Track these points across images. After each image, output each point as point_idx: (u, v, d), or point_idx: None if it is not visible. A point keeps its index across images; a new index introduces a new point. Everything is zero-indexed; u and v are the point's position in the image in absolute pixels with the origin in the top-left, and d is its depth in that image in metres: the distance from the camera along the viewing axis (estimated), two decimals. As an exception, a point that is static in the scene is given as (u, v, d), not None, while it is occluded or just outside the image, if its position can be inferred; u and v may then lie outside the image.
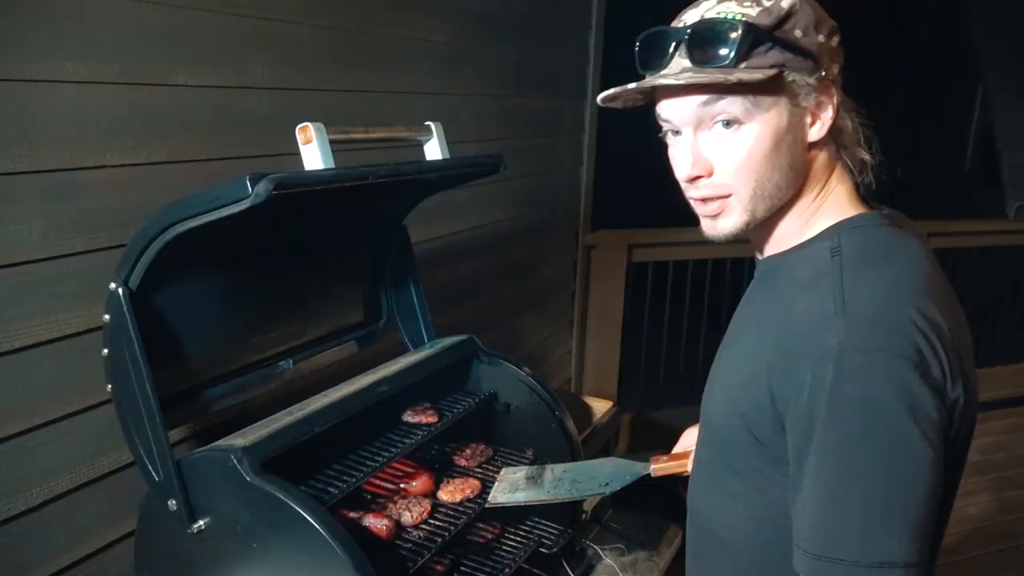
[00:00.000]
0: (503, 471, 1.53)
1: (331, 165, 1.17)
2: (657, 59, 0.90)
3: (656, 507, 1.93)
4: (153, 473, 1.20)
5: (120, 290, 1.13)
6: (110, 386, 1.21)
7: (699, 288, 3.81)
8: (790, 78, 0.86)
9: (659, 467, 1.33)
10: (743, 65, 0.85)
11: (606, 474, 1.39)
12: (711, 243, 0.99)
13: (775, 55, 0.85)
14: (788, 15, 0.85)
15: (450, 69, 2.23)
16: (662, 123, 0.94)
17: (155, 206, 1.15)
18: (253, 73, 1.58)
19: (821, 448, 0.79)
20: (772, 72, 0.85)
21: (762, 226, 0.95)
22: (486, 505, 1.46)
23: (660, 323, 3.82)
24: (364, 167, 1.16)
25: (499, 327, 2.73)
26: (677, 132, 0.92)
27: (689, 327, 3.90)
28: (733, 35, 0.84)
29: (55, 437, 1.29)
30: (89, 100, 1.28)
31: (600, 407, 2.41)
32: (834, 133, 0.92)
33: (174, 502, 1.19)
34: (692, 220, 1.01)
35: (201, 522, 1.19)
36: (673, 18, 0.92)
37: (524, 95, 2.68)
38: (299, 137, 1.17)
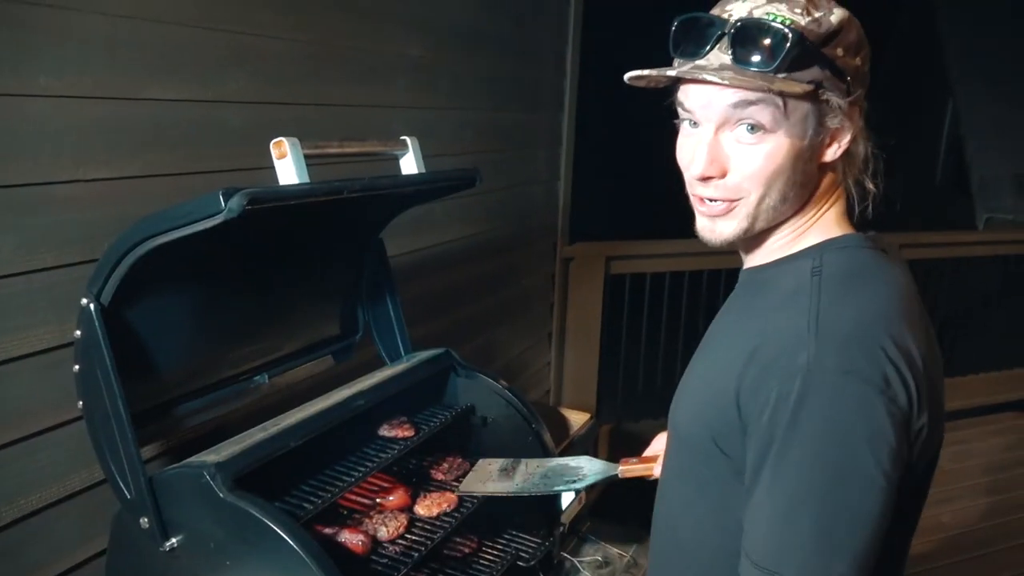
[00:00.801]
0: (479, 462, 1.53)
1: (306, 180, 1.17)
2: (695, 46, 0.87)
3: (634, 518, 1.94)
4: (125, 490, 1.18)
5: (92, 305, 1.12)
6: (81, 402, 1.19)
7: (676, 300, 3.83)
8: (824, 97, 0.85)
9: (627, 468, 1.36)
10: (783, 75, 0.83)
11: (576, 471, 1.42)
12: (687, 255, 1.00)
13: (815, 71, 0.84)
14: (836, 32, 0.84)
15: (427, 83, 2.24)
16: (681, 111, 0.91)
17: (129, 221, 1.14)
18: (228, 87, 1.57)
19: (777, 463, 0.80)
20: (810, 88, 0.84)
21: (753, 238, 0.95)
22: (458, 492, 1.47)
23: (638, 335, 3.84)
24: (338, 181, 1.16)
25: (477, 340, 2.73)
26: (695, 124, 0.90)
27: (667, 339, 3.92)
28: (784, 43, 0.81)
29: (26, 454, 1.28)
30: (62, 114, 1.27)
31: (578, 419, 2.42)
32: (846, 157, 0.91)
33: (146, 520, 1.17)
34: (669, 232, 1.02)
35: (174, 540, 1.18)
36: (654, 35, 0.91)
37: (501, 108, 2.70)
38: (273, 152, 1.17)
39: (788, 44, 0.81)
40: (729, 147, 0.88)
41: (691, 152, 0.90)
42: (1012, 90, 5.89)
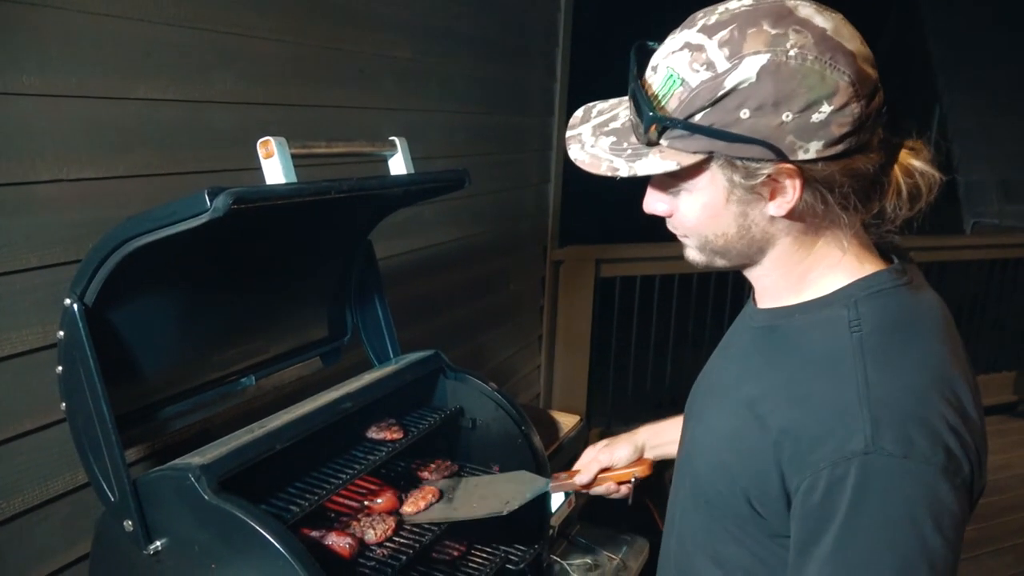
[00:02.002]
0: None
1: (293, 180, 1.16)
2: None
3: (624, 521, 1.94)
4: (108, 493, 1.17)
5: (75, 306, 1.11)
6: (64, 404, 1.18)
7: (666, 303, 3.84)
8: (720, 162, 0.80)
9: (556, 484, 1.44)
10: (664, 143, 0.81)
11: (509, 491, 1.46)
12: (678, 258, 0.98)
13: (701, 141, 0.79)
14: (727, 94, 0.76)
15: (416, 85, 2.24)
16: None
17: (112, 221, 1.13)
18: (214, 87, 1.56)
19: (835, 549, 0.76)
20: (694, 159, 0.80)
21: (750, 272, 0.93)
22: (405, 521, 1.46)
23: (628, 338, 3.85)
24: (326, 181, 1.16)
25: (467, 343, 2.73)
26: None
27: (657, 341, 3.93)
28: (642, 122, 0.80)
29: (7, 457, 1.26)
30: (45, 113, 1.26)
31: (567, 422, 2.42)
32: (805, 209, 0.83)
33: (130, 523, 1.16)
34: (659, 236, 1.02)
35: (158, 543, 1.16)
36: (645, 39, 0.87)
37: (491, 111, 2.70)
38: (260, 151, 1.16)
39: (644, 125, 0.80)
40: (661, 195, 0.90)
41: None
42: (998, 97, 5.95)
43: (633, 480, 1.34)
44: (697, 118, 0.78)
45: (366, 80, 2.02)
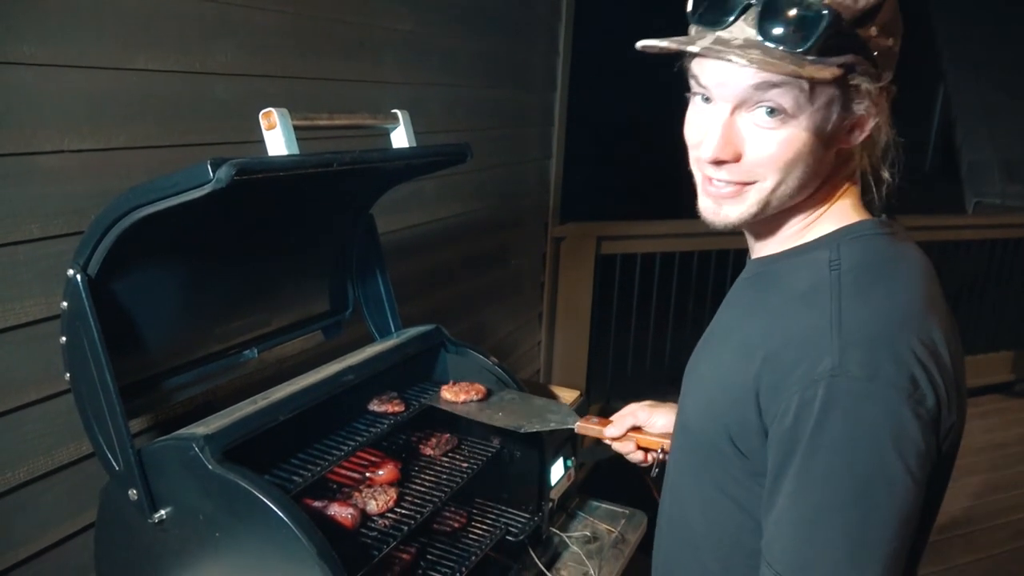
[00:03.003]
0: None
1: (295, 151, 1.16)
2: (718, 13, 0.79)
3: (622, 495, 1.95)
4: (113, 463, 1.18)
5: (78, 276, 1.11)
6: (68, 375, 1.19)
7: (667, 280, 3.85)
8: (853, 81, 0.79)
9: (583, 426, 1.43)
10: (812, 57, 0.76)
11: (536, 414, 1.50)
12: (679, 236, 0.98)
13: (847, 55, 0.78)
14: (874, 9, 0.77)
15: (418, 58, 2.22)
16: (695, 84, 0.85)
17: (114, 192, 1.13)
18: (216, 59, 1.55)
19: (801, 472, 0.78)
20: (839, 73, 0.78)
21: (763, 222, 0.91)
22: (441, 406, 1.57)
23: (628, 315, 3.85)
24: (328, 153, 1.15)
25: (468, 319, 2.73)
26: (708, 100, 0.84)
27: (657, 319, 3.94)
28: (818, 23, 0.74)
29: (12, 427, 1.27)
30: (46, 84, 1.25)
31: (567, 397, 2.42)
32: (867, 143, 0.86)
33: (135, 492, 1.17)
34: (661, 213, 1.00)
35: (162, 512, 1.18)
36: (648, 10, 0.87)
37: (493, 86, 2.68)
38: (263, 123, 1.16)
39: (822, 25, 0.74)
40: (746, 129, 0.82)
41: (702, 131, 0.84)
42: (1002, 76, 5.91)
43: (660, 451, 1.28)
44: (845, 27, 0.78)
45: (367, 52, 2.00)
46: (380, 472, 1.49)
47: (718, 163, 0.84)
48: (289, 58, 1.74)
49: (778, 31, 0.76)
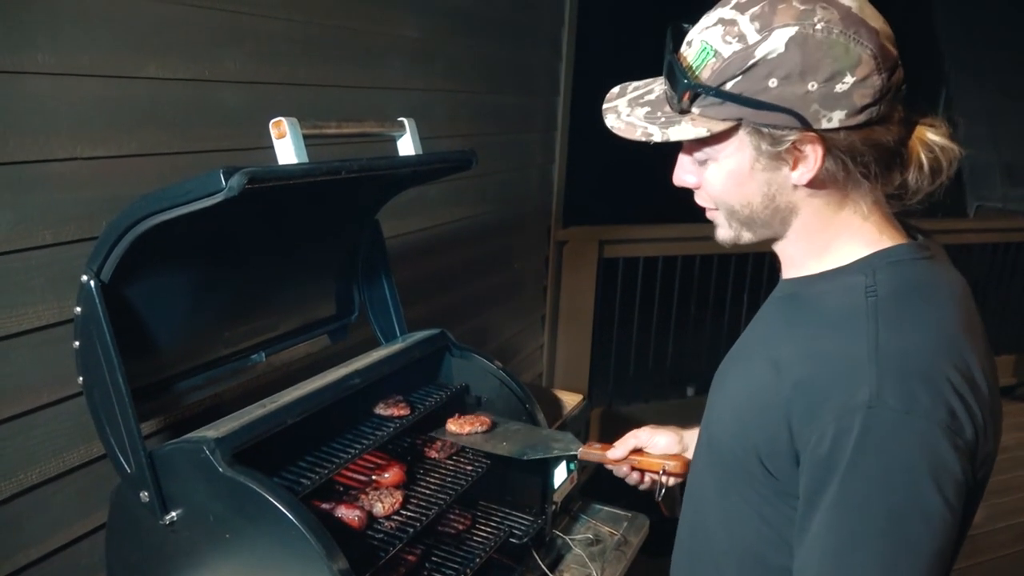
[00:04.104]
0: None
1: (304, 160, 1.18)
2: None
3: (625, 497, 1.97)
4: (125, 465, 1.20)
5: (92, 282, 1.13)
6: (81, 378, 1.21)
7: (669, 284, 3.86)
8: (748, 129, 0.85)
9: (586, 451, 1.45)
10: (696, 110, 0.86)
11: (539, 443, 1.54)
12: (681, 240, 1.02)
13: (730, 108, 0.83)
14: (757, 64, 0.81)
15: (423, 65, 2.24)
16: None
17: (126, 199, 1.15)
18: (225, 66, 1.58)
19: (837, 501, 0.79)
20: (723, 126, 0.85)
21: (780, 244, 0.96)
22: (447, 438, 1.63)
23: (630, 318, 3.87)
24: (337, 161, 1.17)
25: (471, 322, 2.75)
26: None
27: (659, 322, 3.95)
28: (675, 89, 0.85)
29: (25, 430, 1.29)
30: (59, 92, 1.27)
31: (570, 400, 2.44)
32: (827, 177, 0.86)
33: (146, 493, 1.19)
34: (663, 217, 1.05)
35: (173, 513, 1.20)
36: (649, 19, 0.92)
37: (497, 91, 2.70)
38: (273, 131, 1.17)
39: (678, 93, 0.85)
40: (692, 166, 0.93)
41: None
42: (1004, 79, 5.92)
43: (661, 472, 1.29)
44: (728, 86, 0.83)
45: (373, 59, 2.03)
46: (386, 475, 1.50)
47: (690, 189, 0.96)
48: (296, 65, 1.77)
49: (669, 88, 0.88)
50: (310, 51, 1.80)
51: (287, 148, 1.17)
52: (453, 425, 1.62)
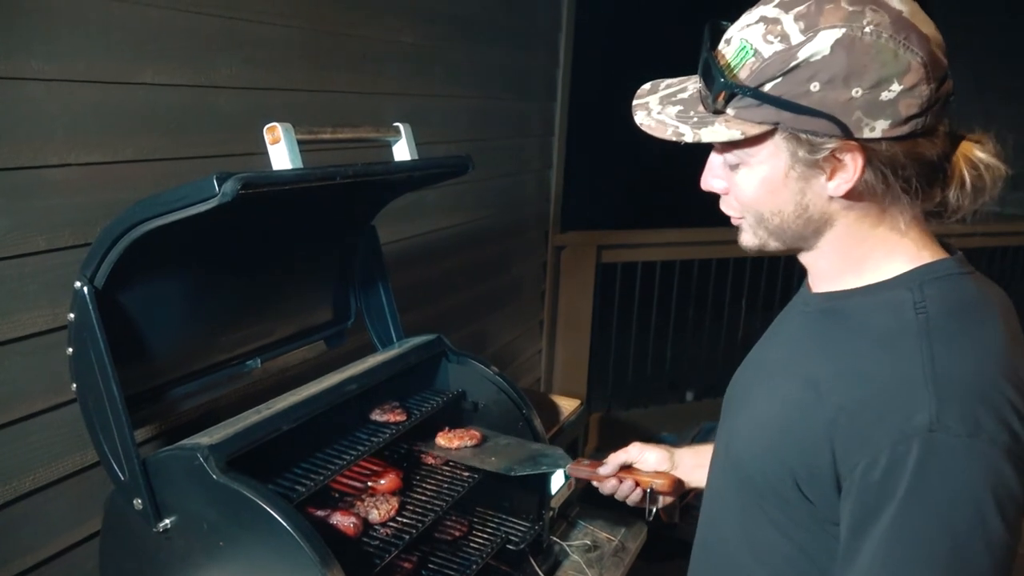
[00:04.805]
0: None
1: (299, 165, 1.18)
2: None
3: (622, 504, 1.96)
4: (119, 472, 1.19)
5: (85, 288, 1.13)
6: (75, 385, 1.20)
7: (667, 289, 3.86)
8: (784, 134, 0.80)
9: (574, 468, 1.42)
10: (731, 112, 0.81)
11: (528, 458, 1.52)
12: (679, 244, 0.99)
13: (767, 111, 0.79)
14: (799, 66, 0.76)
15: (420, 70, 2.24)
16: None
17: (121, 205, 1.15)
18: (221, 72, 1.57)
19: (893, 529, 0.75)
20: (759, 129, 0.80)
21: (808, 257, 0.92)
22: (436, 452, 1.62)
23: (629, 323, 3.87)
24: (332, 167, 1.17)
25: (469, 327, 2.75)
26: None
27: (657, 327, 3.95)
28: (711, 89, 0.81)
29: (19, 436, 1.28)
30: (54, 98, 1.27)
31: (568, 406, 2.44)
32: (865, 190, 0.82)
33: (140, 501, 1.18)
34: (661, 222, 1.02)
35: (167, 521, 1.19)
36: (647, 25, 0.89)
37: (494, 96, 2.70)
38: (267, 137, 1.17)
39: (713, 93, 0.81)
40: (723, 169, 0.89)
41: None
42: (1001, 84, 5.93)
43: (649, 490, 1.28)
44: (767, 87, 0.79)
45: (370, 65, 2.03)
46: (382, 481, 1.50)
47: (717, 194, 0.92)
48: (293, 71, 1.77)
49: (704, 88, 0.83)
50: (307, 57, 1.80)
51: (281, 154, 1.17)
52: (443, 439, 1.60)
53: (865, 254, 0.88)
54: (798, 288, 1.02)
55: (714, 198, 0.95)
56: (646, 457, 1.31)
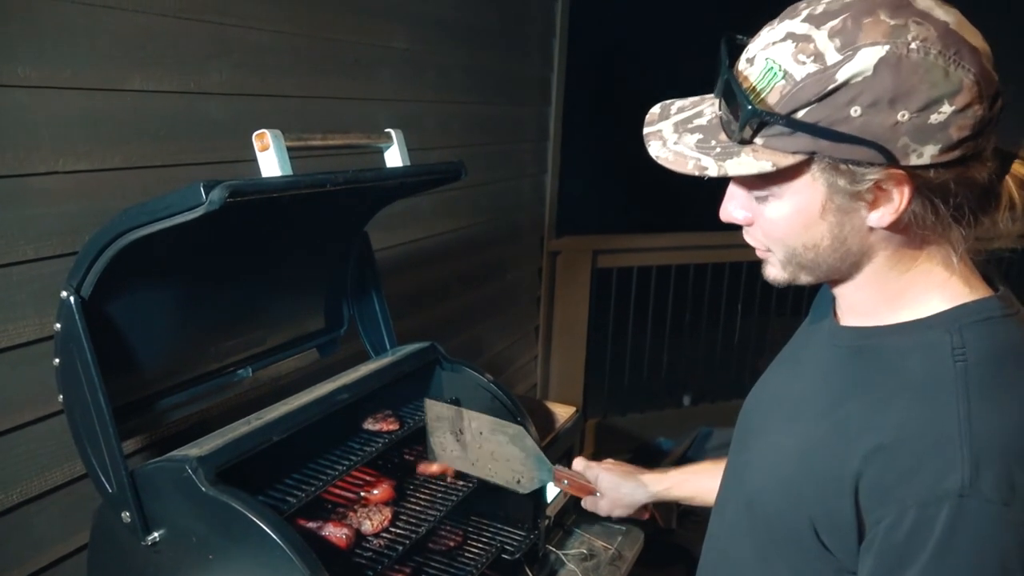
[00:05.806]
0: (428, 404, 1.54)
1: (288, 172, 1.16)
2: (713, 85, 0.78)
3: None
4: (106, 484, 1.18)
5: (72, 298, 1.11)
6: (62, 396, 1.18)
7: (663, 294, 3.85)
8: (822, 164, 0.73)
9: (561, 474, 1.41)
10: (759, 141, 0.74)
11: (517, 463, 1.46)
12: (674, 249, 0.94)
13: (802, 140, 0.72)
14: (837, 89, 0.69)
15: (413, 75, 2.23)
16: None
17: (108, 213, 1.13)
18: (211, 78, 1.56)
19: None
20: (792, 160, 0.73)
21: (838, 288, 0.86)
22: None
23: (625, 329, 3.86)
24: (322, 174, 1.16)
25: (464, 334, 2.73)
26: None
27: (653, 332, 3.94)
28: (738, 117, 0.73)
29: (6, 448, 1.26)
30: (41, 105, 1.26)
31: (563, 413, 2.41)
32: (912, 221, 0.75)
33: (128, 514, 1.17)
34: (656, 227, 0.97)
35: (156, 534, 1.17)
36: (643, 29, 0.83)
37: (488, 102, 2.69)
38: (256, 144, 1.16)
39: (740, 121, 0.72)
40: (746, 200, 0.82)
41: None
42: (1003, 89, 5.94)
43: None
44: (800, 114, 0.71)
45: (362, 71, 2.02)
46: (375, 491, 1.48)
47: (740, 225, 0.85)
48: (284, 77, 1.75)
49: (726, 116, 0.76)
50: (297, 63, 1.79)
51: (271, 161, 1.15)
52: (423, 467, 1.62)
53: (904, 288, 0.82)
54: (796, 293, 0.99)
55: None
56: (621, 492, 1.34)
